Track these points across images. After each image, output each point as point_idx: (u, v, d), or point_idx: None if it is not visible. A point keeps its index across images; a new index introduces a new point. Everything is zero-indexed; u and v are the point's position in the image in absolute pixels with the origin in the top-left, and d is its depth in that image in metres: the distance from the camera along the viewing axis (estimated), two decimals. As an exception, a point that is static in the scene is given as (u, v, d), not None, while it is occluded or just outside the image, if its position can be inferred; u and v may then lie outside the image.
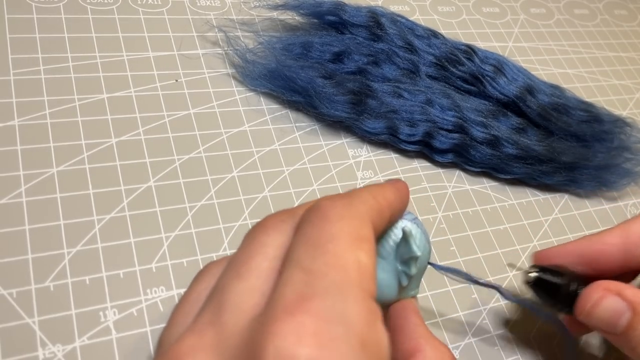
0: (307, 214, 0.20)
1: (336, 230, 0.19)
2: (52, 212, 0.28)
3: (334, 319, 0.17)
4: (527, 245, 0.37)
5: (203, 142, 0.34)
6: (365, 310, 0.18)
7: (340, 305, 0.17)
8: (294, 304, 0.17)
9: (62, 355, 0.25)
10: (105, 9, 0.37)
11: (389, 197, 0.23)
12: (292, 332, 0.16)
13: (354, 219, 0.20)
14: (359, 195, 0.21)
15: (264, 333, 0.16)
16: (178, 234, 0.30)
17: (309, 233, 0.19)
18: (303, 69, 0.36)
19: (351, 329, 0.17)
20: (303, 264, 0.18)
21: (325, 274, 0.18)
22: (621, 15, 0.58)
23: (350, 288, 0.18)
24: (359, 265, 0.18)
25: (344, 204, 0.20)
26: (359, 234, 0.19)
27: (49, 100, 0.32)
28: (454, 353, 0.30)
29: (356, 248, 0.19)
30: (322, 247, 0.19)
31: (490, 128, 0.37)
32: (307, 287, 0.17)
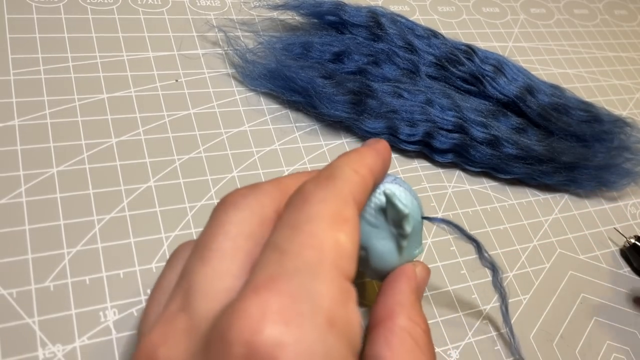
0: (290, 199, 0.20)
1: (315, 212, 0.19)
2: (52, 212, 0.28)
3: (301, 297, 0.17)
4: (527, 245, 0.37)
5: (203, 142, 0.34)
6: (336, 290, 0.17)
7: (310, 283, 0.17)
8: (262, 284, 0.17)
9: (62, 355, 0.25)
10: (105, 9, 0.37)
11: (370, 165, 0.23)
12: (257, 309, 0.16)
13: (336, 201, 0.19)
14: (339, 172, 0.21)
15: (230, 312, 0.16)
16: (178, 234, 0.30)
17: (289, 216, 0.19)
18: (303, 69, 0.36)
19: (318, 306, 0.17)
20: (278, 245, 0.18)
21: (299, 253, 0.18)
22: (621, 15, 0.58)
23: (322, 267, 0.18)
24: (336, 245, 0.18)
25: (325, 186, 0.20)
26: (341, 215, 0.19)
27: (49, 100, 0.32)
28: (454, 353, 0.30)
29: (336, 229, 0.19)
30: (299, 228, 0.18)
31: (490, 128, 0.37)
32: (278, 267, 0.17)
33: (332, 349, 0.16)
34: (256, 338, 0.16)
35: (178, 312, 0.18)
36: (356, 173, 0.21)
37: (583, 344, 0.33)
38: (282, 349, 0.16)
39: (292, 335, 0.16)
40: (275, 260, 0.18)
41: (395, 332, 0.22)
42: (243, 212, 0.20)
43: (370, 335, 0.23)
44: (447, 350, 0.30)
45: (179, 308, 0.18)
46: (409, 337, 0.22)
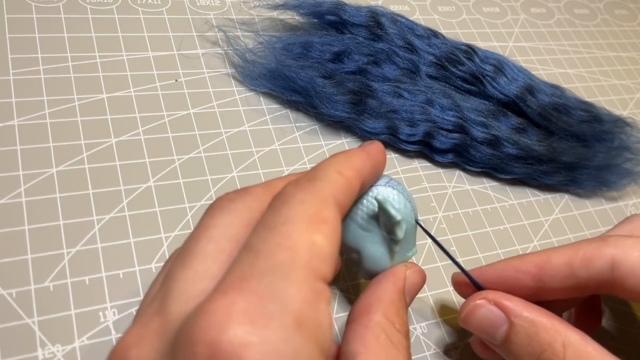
0: (272, 201, 0.20)
1: (293, 213, 0.19)
2: (51, 212, 0.28)
3: (269, 297, 0.17)
4: (527, 245, 0.37)
5: (203, 142, 0.34)
6: (306, 291, 0.17)
7: (279, 284, 0.17)
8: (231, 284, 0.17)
9: (62, 355, 0.25)
10: (105, 9, 0.37)
11: (357, 166, 0.22)
12: (223, 309, 0.16)
13: (315, 202, 0.19)
14: (322, 173, 0.21)
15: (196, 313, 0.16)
16: (178, 234, 0.30)
17: (267, 218, 0.19)
18: (303, 69, 0.36)
19: (286, 307, 0.17)
20: (253, 246, 0.18)
21: (272, 254, 0.18)
22: (621, 15, 0.58)
23: (294, 268, 0.17)
24: (311, 246, 0.18)
25: (305, 188, 0.20)
26: (319, 216, 0.19)
27: (48, 100, 0.32)
28: (454, 353, 0.30)
29: (313, 230, 0.18)
30: (275, 229, 0.18)
31: (490, 128, 0.37)
32: (250, 267, 0.17)
33: (299, 350, 0.16)
34: (220, 338, 0.15)
35: (154, 315, 0.18)
36: (340, 174, 0.21)
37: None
38: (246, 348, 0.15)
39: (258, 335, 0.16)
40: (248, 261, 0.18)
41: (370, 327, 0.22)
42: (229, 215, 0.20)
43: (346, 331, 0.23)
44: (447, 351, 0.30)
45: (155, 310, 0.18)
46: (382, 334, 0.22)
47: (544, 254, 0.26)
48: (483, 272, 0.27)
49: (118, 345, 0.18)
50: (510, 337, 0.24)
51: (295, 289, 0.17)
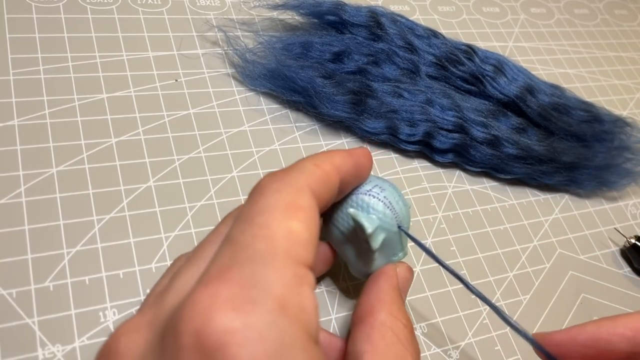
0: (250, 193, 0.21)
1: (269, 203, 0.19)
2: (51, 212, 0.28)
3: (251, 284, 0.17)
4: (527, 245, 0.37)
5: (203, 142, 0.34)
6: (288, 275, 0.18)
7: (260, 271, 0.17)
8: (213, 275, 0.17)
9: (62, 355, 0.25)
10: (105, 9, 0.37)
11: (336, 162, 0.23)
12: (206, 299, 0.16)
13: (290, 191, 0.20)
14: (299, 165, 0.21)
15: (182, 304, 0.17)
16: (178, 234, 0.30)
17: (245, 210, 0.20)
18: (303, 69, 0.36)
19: (269, 292, 0.17)
20: (232, 238, 0.19)
21: (250, 244, 0.18)
22: (621, 15, 0.58)
23: (274, 255, 0.18)
24: (289, 233, 0.18)
25: (280, 178, 0.20)
26: (295, 203, 0.19)
27: (48, 100, 0.32)
28: (454, 353, 0.30)
29: (289, 217, 0.19)
30: (252, 220, 0.19)
31: (490, 128, 0.37)
32: (230, 259, 0.18)
33: (284, 333, 0.16)
34: (205, 326, 0.16)
35: (150, 307, 0.19)
36: (316, 166, 0.22)
37: None
38: (231, 334, 0.16)
39: (241, 321, 0.16)
40: (228, 253, 0.18)
41: (376, 327, 0.22)
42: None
43: (351, 332, 0.23)
44: (447, 351, 0.30)
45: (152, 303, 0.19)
46: (389, 331, 0.22)
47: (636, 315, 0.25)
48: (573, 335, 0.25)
49: (111, 335, 0.18)
50: None
51: (276, 275, 0.17)
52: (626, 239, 0.38)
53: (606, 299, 0.36)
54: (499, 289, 0.34)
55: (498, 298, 0.33)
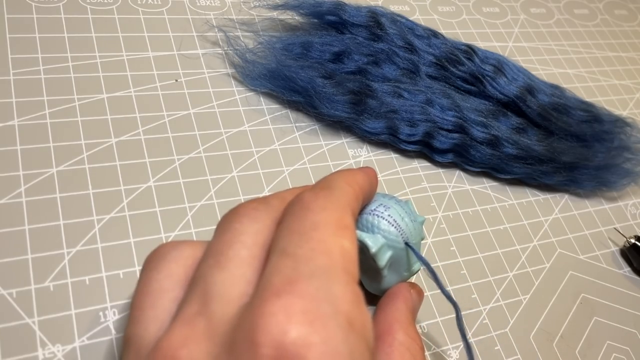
0: (289, 207, 0.21)
1: (319, 219, 0.20)
2: (51, 212, 0.28)
3: (322, 299, 0.17)
4: (527, 245, 0.37)
5: (203, 142, 0.34)
6: (350, 292, 0.18)
7: (327, 286, 0.18)
8: (281, 287, 0.17)
9: (62, 355, 0.25)
10: (105, 9, 0.37)
11: (360, 182, 0.24)
12: (282, 311, 0.17)
13: (336, 209, 0.20)
14: (337, 185, 0.22)
15: (254, 315, 0.17)
16: (178, 234, 0.30)
17: (293, 223, 0.20)
18: (303, 69, 0.36)
19: (339, 308, 0.17)
20: (288, 251, 0.19)
21: (311, 258, 0.18)
22: (621, 15, 0.58)
23: (335, 271, 0.18)
24: (342, 250, 0.19)
25: (325, 196, 0.21)
26: (342, 222, 0.20)
27: (48, 100, 0.32)
28: (454, 353, 0.30)
29: (340, 235, 0.19)
30: (306, 234, 0.19)
31: (490, 128, 0.37)
32: (293, 271, 0.18)
33: (354, 349, 0.17)
34: (284, 339, 0.16)
35: (196, 316, 0.18)
36: (349, 186, 0.23)
37: (583, 344, 0.33)
38: (309, 348, 0.16)
39: (318, 336, 0.16)
40: (288, 265, 0.18)
41: (395, 346, 0.23)
42: (257, 223, 0.21)
43: None
44: (447, 350, 0.30)
45: (196, 312, 0.18)
46: (407, 352, 0.23)
47: None
48: None
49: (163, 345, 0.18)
50: None
51: (341, 291, 0.18)
52: (626, 239, 0.38)
53: (606, 299, 0.36)
54: (498, 289, 0.34)
55: (498, 298, 0.33)
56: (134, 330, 0.19)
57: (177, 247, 0.21)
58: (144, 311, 0.20)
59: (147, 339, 0.19)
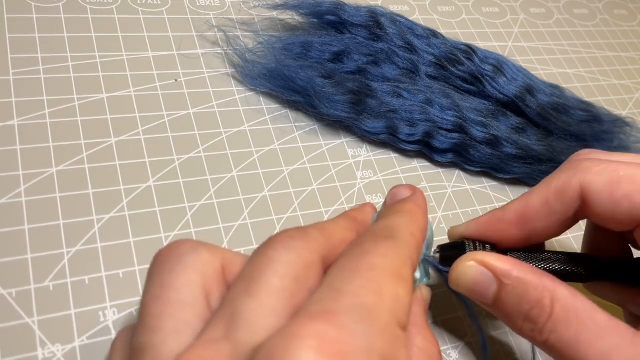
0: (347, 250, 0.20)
1: (378, 263, 0.19)
2: (51, 212, 0.28)
3: (358, 334, 0.17)
4: (527, 245, 0.37)
5: (203, 142, 0.34)
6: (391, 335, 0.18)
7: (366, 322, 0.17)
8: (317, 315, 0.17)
9: (62, 355, 0.25)
10: (105, 9, 0.37)
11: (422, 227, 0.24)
12: (313, 335, 0.16)
13: (397, 258, 0.20)
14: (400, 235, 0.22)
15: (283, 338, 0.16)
16: (177, 233, 0.30)
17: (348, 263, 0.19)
18: (303, 69, 0.36)
19: (374, 346, 0.17)
20: (335, 285, 0.18)
21: (358, 295, 0.18)
22: (621, 15, 0.58)
23: (380, 312, 0.18)
24: (396, 296, 0.19)
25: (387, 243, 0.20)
26: (400, 272, 0.20)
27: (48, 100, 0.32)
28: (454, 353, 0.30)
29: (396, 283, 0.19)
30: (360, 273, 0.19)
31: (490, 128, 0.37)
32: (334, 302, 0.17)
33: None
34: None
35: (221, 340, 0.18)
36: (413, 237, 0.22)
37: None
38: None
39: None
40: (331, 297, 0.18)
41: (414, 351, 0.22)
42: (292, 254, 0.20)
43: None
44: (446, 350, 0.30)
45: (222, 336, 0.18)
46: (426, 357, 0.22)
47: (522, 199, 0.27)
48: (470, 227, 0.28)
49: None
50: (501, 296, 0.24)
51: (380, 330, 0.17)
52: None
53: (606, 298, 0.36)
54: (498, 289, 0.34)
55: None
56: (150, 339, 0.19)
57: (196, 250, 0.20)
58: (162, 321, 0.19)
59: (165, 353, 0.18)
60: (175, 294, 0.19)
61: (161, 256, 0.21)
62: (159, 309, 0.19)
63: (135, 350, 0.19)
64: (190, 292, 0.19)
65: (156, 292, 0.20)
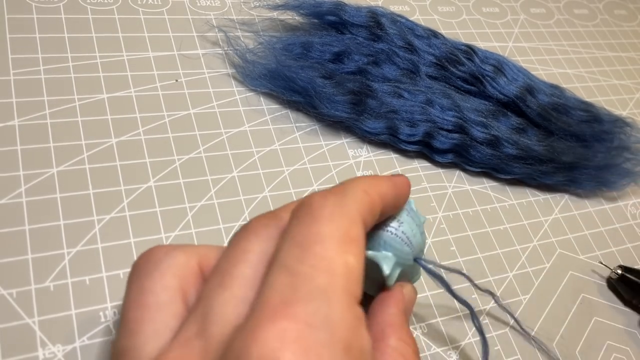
0: (297, 210, 0.20)
1: (325, 231, 0.19)
2: (52, 212, 0.28)
3: (318, 324, 0.17)
4: (527, 245, 0.37)
5: (203, 142, 0.34)
6: (350, 316, 0.18)
7: (325, 310, 0.17)
8: (277, 309, 0.17)
9: (62, 355, 0.25)
10: (105, 9, 0.37)
11: (382, 191, 0.23)
12: (275, 338, 0.16)
13: (345, 219, 0.19)
14: (351, 191, 0.21)
15: (247, 340, 0.16)
16: (178, 234, 0.30)
17: (297, 233, 0.19)
18: (303, 69, 0.36)
19: (335, 334, 0.17)
20: (289, 265, 0.18)
21: (311, 277, 0.18)
22: (621, 15, 0.58)
23: (336, 293, 0.18)
24: (346, 268, 0.18)
25: (335, 202, 0.20)
26: (349, 235, 0.19)
27: (49, 100, 0.32)
28: (454, 353, 0.30)
29: (345, 250, 0.19)
30: (309, 248, 0.18)
31: (490, 128, 0.37)
32: (291, 291, 0.17)
33: None
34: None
35: (194, 337, 0.18)
36: (366, 193, 0.21)
37: (583, 344, 0.33)
38: None
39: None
40: (287, 283, 0.18)
41: (388, 352, 0.22)
42: (265, 242, 0.20)
43: None
44: (447, 350, 0.30)
45: (195, 333, 0.18)
46: (400, 357, 0.22)
47: None
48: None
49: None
50: None
51: (339, 315, 0.17)
52: (611, 270, 0.36)
53: (606, 298, 0.36)
54: (499, 289, 0.34)
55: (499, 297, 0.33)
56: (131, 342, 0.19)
57: (170, 253, 0.21)
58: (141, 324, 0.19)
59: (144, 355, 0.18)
60: (153, 297, 0.19)
61: (138, 263, 0.21)
62: (139, 313, 0.19)
63: (117, 354, 0.19)
64: (167, 294, 0.19)
65: (135, 297, 0.20)
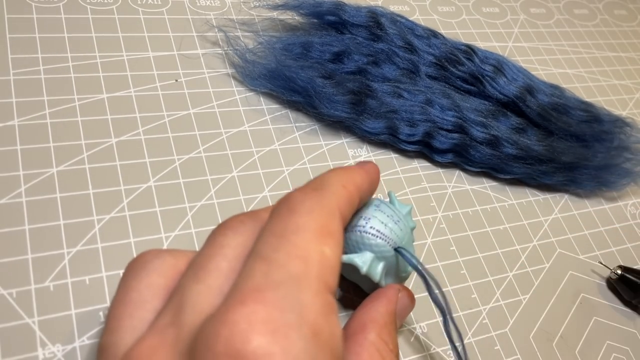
0: (276, 206, 0.20)
1: (303, 223, 0.19)
2: (52, 212, 0.28)
3: (287, 308, 0.17)
4: (527, 245, 0.37)
5: (203, 142, 0.34)
6: (320, 302, 0.18)
7: (295, 295, 0.17)
8: (248, 295, 0.17)
9: (62, 355, 0.25)
10: (105, 9, 0.37)
11: (358, 183, 0.23)
12: (244, 320, 0.16)
13: (323, 213, 0.20)
14: (329, 185, 0.21)
15: (216, 323, 0.16)
16: (178, 234, 0.30)
17: (275, 225, 0.19)
18: (303, 69, 0.36)
19: (303, 318, 0.17)
20: (264, 254, 0.18)
21: (284, 264, 0.18)
22: (621, 15, 0.58)
23: (307, 280, 0.18)
24: (321, 257, 0.19)
25: (313, 197, 0.20)
26: (327, 228, 0.20)
27: (48, 100, 0.32)
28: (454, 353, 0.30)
29: (322, 242, 0.19)
30: (285, 237, 0.19)
31: (490, 128, 0.37)
32: (264, 277, 0.18)
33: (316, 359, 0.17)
34: (245, 348, 0.16)
35: (168, 326, 0.18)
36: (344, 188, 0.22)
37: (583, 344, 0.33)
38: (269, 358, 0.16)
39: (279, 345, 0.16)
40: (261, 271, 0.18)
41: (365, 346, 0.22)
42: (241, 236, 0.20)
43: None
44: (447, 350, 0.30)
45: (169, 322, 0.18)
46: (377, 353, 0.22)
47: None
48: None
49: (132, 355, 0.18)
50: None
51: (310, 300, 0.18)
52: (611, 270, 0.36)
53: (606, 298, 0.36)
54: (498, 289, 0.34)
55: (498, 298, 0.33)
56: (110, 338, 0.19)
57: (159, 256, 0.21)
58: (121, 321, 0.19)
59: (121, 348, 0.19)
60: (136, 294, 0.20)
61: (129, 266, 0.21)
62: (120, 310, 0.20)
63: (99, 351, 0.19)
64: (150, 292, 0.20)
65: (119, 296, 0.20)
